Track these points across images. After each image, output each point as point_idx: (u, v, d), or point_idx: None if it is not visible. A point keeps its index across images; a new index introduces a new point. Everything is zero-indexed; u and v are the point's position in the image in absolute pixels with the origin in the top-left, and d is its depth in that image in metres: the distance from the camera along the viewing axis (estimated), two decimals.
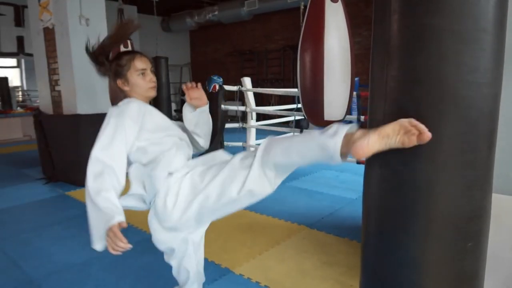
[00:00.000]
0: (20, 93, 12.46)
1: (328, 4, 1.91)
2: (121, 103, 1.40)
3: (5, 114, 8.86)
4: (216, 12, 10.37)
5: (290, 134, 1.76)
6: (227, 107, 5.30)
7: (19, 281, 2.26)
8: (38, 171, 5.05)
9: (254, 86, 7.72)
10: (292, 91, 5.43)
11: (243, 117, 6.00)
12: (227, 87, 5.03)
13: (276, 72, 10.79)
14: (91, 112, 4.19)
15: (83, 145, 4.27)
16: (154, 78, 1.45)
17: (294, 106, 6.11)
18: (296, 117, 5.24)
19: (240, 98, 5.61)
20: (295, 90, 4.77)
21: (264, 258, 2.45)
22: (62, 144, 4.48)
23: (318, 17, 1.92)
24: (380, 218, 1.28)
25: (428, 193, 1.16)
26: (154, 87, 1.45)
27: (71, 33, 4.34)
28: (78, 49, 4.33)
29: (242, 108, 5.56)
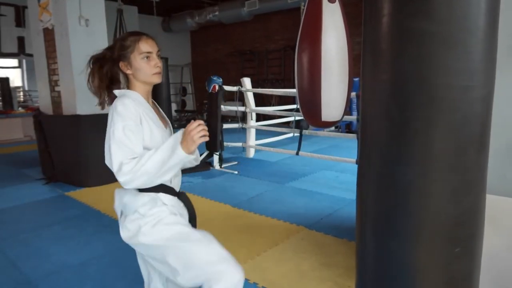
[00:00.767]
0: (21, 93, 12.48)
1: (326, 4, 1.91)
2: (118, 101, 1.29)
3: (6, 114, 8.87)
4: (217, 12, 10.39)
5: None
6: (227, 107, 5.30)
7: (17, 281, 2.27)
8: (38, 171, 5.06)
9: (255, 86, 7.73)
10: (292, 91, 5.42)
11: (243, 117, 6.00)
12: (227, 88, 5.03)
13: (277, 72, 10.79)
14: (90, 113, 4.18)
15: (83, 145, 4.31)
16: (160, 63, 1.34)
17: (294, 106, 6.12)
18: (296, 118, 5.24)
19: (240, 98, 5.61)
20: (295, 90, 4.77)
21: (262, 259, 2.44)
22: (62, 144, 4.49)
23: (316, 17, 1.92)
24: (373, 221, 1.28)
25: (413, 198, 1.16)
26: (159, 73, 1.34)
27: (70, 33, 4.33)
28: (77, 50, 4.33)
29: (242, 109, 5.57)
